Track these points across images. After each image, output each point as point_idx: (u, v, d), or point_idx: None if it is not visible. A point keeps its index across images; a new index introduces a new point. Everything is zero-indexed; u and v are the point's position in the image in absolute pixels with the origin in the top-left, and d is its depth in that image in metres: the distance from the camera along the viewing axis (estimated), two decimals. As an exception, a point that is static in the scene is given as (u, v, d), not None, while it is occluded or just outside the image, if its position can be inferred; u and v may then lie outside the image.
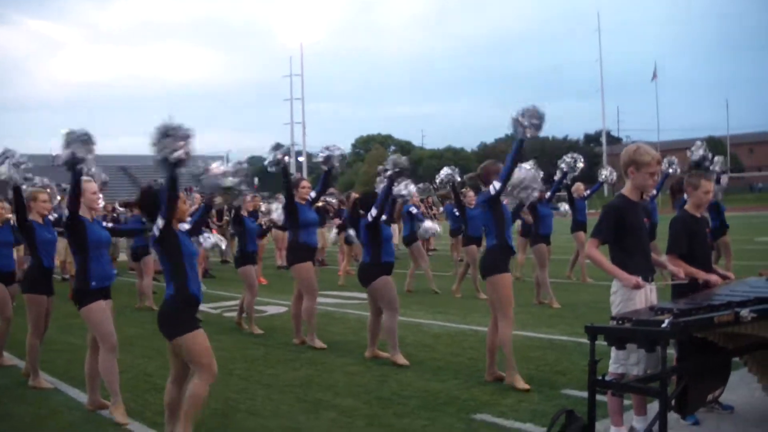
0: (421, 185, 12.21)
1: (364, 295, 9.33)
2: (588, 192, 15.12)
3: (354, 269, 14.46)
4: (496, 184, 7.25)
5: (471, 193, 12.98)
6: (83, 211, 6.61)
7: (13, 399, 7.45)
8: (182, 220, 5.86)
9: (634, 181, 5.50)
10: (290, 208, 9.42)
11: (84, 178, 6.67)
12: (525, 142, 6.97)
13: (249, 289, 10.96)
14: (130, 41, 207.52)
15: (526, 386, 7.09)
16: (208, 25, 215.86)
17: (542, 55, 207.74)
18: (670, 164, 12.42)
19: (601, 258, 5.42)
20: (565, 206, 14.76)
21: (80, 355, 9.01)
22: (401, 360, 8.37)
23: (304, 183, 9.84)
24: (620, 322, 4.65)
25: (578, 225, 14.87)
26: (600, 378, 4.71)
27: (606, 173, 14.10)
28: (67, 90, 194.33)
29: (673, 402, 5.13)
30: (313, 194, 9.62)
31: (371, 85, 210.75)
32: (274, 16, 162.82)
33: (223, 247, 9.16)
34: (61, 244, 15.82)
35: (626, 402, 5.51)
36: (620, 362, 5.21)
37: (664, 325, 4.30)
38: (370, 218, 8.54)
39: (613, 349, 5.03)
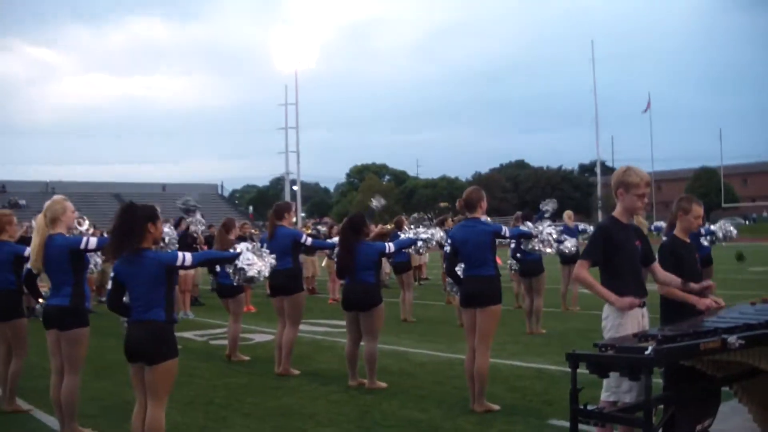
0: (415, 215, 12.07)
1: None
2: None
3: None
4: (506, 231, 8.02)
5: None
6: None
7: None
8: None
9: (624, 203, 5.42)
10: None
11: (60, 197, 6.62)
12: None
13: (235, 319, 10.74)
14: (124, 66, 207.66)
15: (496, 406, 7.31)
16: (201, 51, 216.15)
17: (536, 84, 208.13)
18: None
19: (591, 280, 5.31)
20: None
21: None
22: (380, 385, 8.41)
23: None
24: (603, 349, 4.48)
25: (565, 257, 14.41)
26: (582, 407, 4.53)
27: (550, 207, 13.62)
28: (60, 115, 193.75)
29: (660, 432, 4.96)
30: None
31: (366, 113, 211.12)
32: (268, 42, 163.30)
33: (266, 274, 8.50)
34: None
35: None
36: (612, 390, 5.07)
37: (647, 352, 4.14)
38: (388, 250, 8.78)
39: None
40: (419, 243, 9.37)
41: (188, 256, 5.44)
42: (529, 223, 8.87)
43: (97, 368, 9.61)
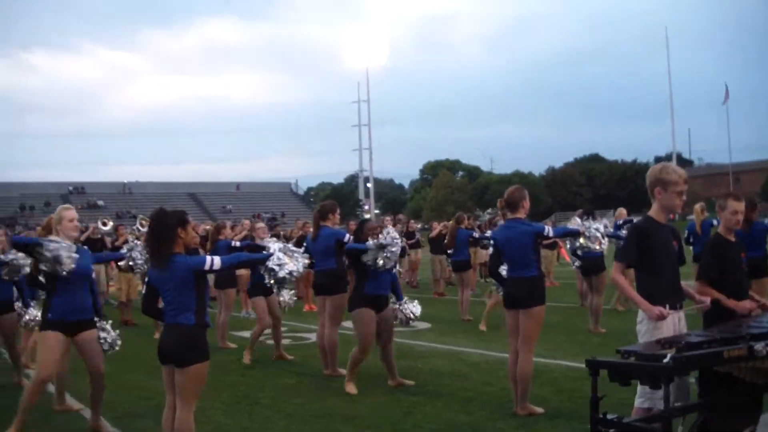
0: (489, 210, 12.01)
1: (413, 324, 9.37)
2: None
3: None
4: (550, 231, 7.69)
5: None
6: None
7: (37, 424, 7.42)
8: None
9: (661, 201, 5.27)
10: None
11: (64, 206, 6.99)
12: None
13: (259, 321, 10.83)
14: (198, 68, 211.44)
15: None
16: (274, 51, 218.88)
17: (610, 76, 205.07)
18: None
19: (625, 284, 5.20)
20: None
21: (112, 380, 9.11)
22: (341, 372, 8.49)
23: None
24: (625, 355, 4.36)
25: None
26: (602, 416, 4.41)
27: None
28: (137, 117, 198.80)
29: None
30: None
31: (439, 108, 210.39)
32: (339, 40, 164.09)
33: (297, 274, 8.47)
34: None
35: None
36: (646, 396, 4.88)
37: (665, 360, 4.01)
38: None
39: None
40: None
41: (217, 259, 5.46)
42: (578, 219, 8.67)
43: (151, 368, 9.76)
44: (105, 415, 7.53)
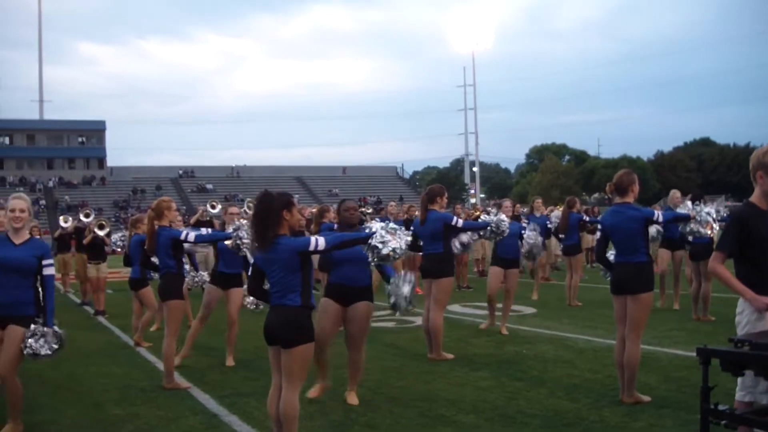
0: (596, 195, 11.73)
1: (519, 308, 9.26)
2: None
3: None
4: (659, 216, 7.31)
5: None
6: None
7: (146, 401, 7.68)
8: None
9: (764, 186, 4.96)
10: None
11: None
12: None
13: None
14: (307, 53, 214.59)
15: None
16: (381, 36, 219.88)
17: (721, 58, 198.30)
18: None
19: (725, 274, 4.91)
20: None
21: (220, 360, 9.33)
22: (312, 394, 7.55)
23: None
24: (738, 345, 4.20)
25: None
26: (713, 407, 4.25)
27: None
28: (247, 103, 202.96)
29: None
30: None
31: (546, 92, 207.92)
32: (445, 25, 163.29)
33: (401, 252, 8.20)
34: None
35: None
36: (747, 389, 4.69)
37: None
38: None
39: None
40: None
41: (321, 240, 5.49)
42: (689, 203, 8.39)
43: (260, 348, 9.95)
44: (212, 393, 7.77)
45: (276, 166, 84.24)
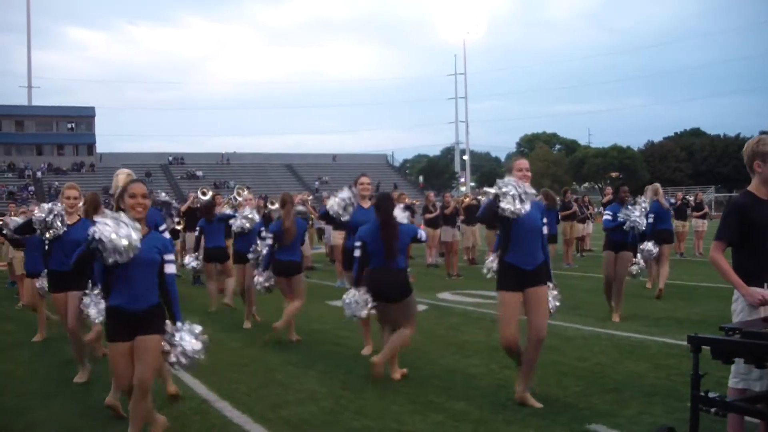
0: (586, 184, 11.77)
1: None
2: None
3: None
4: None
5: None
6: None
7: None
8: None
9: (762, 175, 4.97)
10: None
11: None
12: None
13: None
14: (298, 40, 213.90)
15: None
16: (372, 23, 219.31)
17: (711, 49, 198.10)
18: None
19: (723, 264, 4.88)
20: None
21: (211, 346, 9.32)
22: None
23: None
24: (729, 333, 4.21)
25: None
26: (703, 394, 4.26)
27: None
28: (236, 89, 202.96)
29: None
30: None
31: (537, 82, 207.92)
32: (436, 13, 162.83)
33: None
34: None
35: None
36: (741, 376, 4.70)
37: (772, 338, 3.85)
38: None
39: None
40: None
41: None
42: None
43: (250, 335, 9.98)
44: (202, 378, 7.74)
45: (266, 153, 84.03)
